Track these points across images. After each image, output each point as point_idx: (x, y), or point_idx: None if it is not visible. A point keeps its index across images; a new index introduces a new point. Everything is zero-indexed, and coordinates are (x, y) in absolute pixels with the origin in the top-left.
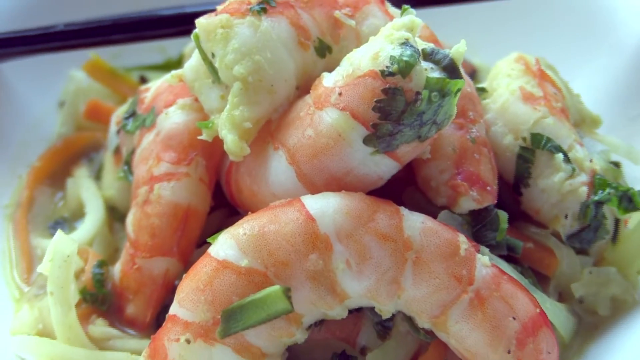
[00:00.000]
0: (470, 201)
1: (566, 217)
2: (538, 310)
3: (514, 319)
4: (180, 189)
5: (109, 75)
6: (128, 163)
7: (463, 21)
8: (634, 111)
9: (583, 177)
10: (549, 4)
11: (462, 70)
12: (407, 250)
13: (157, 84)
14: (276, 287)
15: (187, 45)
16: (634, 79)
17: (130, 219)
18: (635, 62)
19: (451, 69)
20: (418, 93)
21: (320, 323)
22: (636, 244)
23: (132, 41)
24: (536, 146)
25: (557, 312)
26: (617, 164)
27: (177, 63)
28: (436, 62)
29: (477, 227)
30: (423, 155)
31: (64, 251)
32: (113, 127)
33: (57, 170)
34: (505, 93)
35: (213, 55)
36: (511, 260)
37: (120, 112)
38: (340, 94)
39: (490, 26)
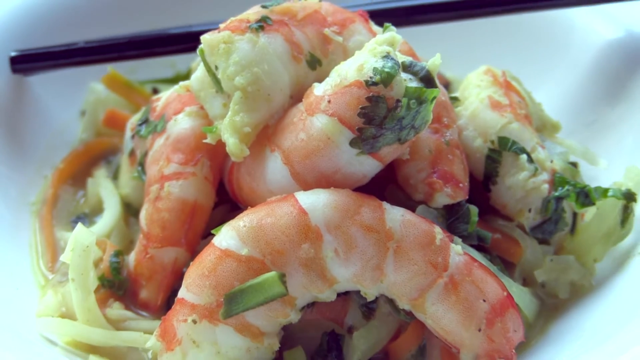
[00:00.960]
0: (444, 197)
1: (530, 211)
2: (505, 293)
3: (484, 301)
4: (187, 186)
5: (125, 87)
6: (141, 164)
7: (438, 38)
8: (588, 118)
9: (544, 176)
10: (514, 23)
11: (437, 81)
12: (389, 240)
13: (167, 94)
14: (273, 273)
15: (194, 61)
16: (588, 89)
17: (143, 214)
18: (590, 75)
19: (427, 80)
20: (398, 101)
21: (312, 305)
22: (592, 235)
23: (145, 57)
24: (503, 148)
25: (522, 295)
26: (574, 164)
27: (186, 76)
28: (414, 74)
29: (451, 219)
30: (403, 156)
31: (83, 242)
32: (128, 133)
33: (78, 171)
34: (475, 101)
35: (216, 67)
36: (481, 249)
37: (134, 119)
38: (329, 101)
39: (462, 43)
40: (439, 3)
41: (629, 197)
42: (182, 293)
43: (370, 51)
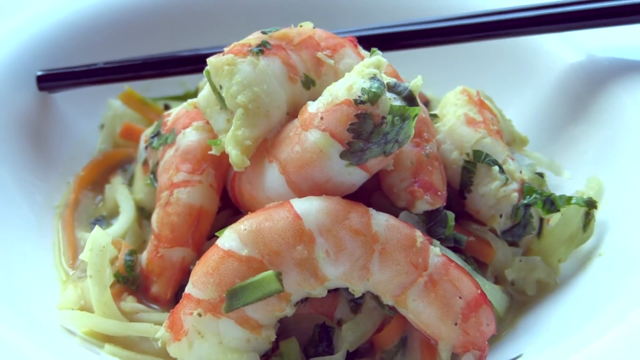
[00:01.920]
0: (424, 204)
1: (501, 216)
2: (479, 291)
3: (460, 298)
4: (194, 193)
5: (140, 103)
6: (153, 173)
7: (419, 62)
8: (554, 133)
9: (514, 185)
10: (488, 48)
11: (418, 100)
12: (375, 242)
13: (177, 110)
14: (270, 272)
15: (201, 81)
16: (553, 108)
17: (154, 217)
18: (555, 94)
19: (410, 99)
20: (383, 117)
21: (305, 300)
22: (556, 238)
23: (158, 77)
24: (477, 160)
25: (493, 292)
26: (541, 175)
27: (194, 94)
28: (398, 93)
29: (430, 224)
30: (387, 167)
31: (100, 242)
32: (142, 144)
33: (97, 178)
34: (453, 118)
35: (221, 87)
36: (457, 251)
37: (147, 132)
38: (321, 118)
39: (440, 66)
40: (420, 30)
41: (591, 204)
42: (188, 289)
43: (359, 73)
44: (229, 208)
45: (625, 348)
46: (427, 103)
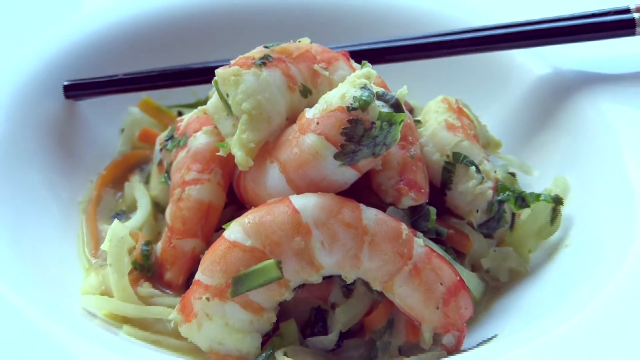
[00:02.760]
0: (409, 200)
1: (477, 211)
2: (458, 278)
3: (441, 284)
4: (203, 190)
5: (156, 110)
6: (167, 172)
7: (404, 74)
8: (524, 138)
9: (489, 183)
10: (466, 62)
11: (404, 107)
12: (365, 234)
13: (189, 116)
14: (271, 261)
15: (210, 90)
16: (524, 115)
17: (168, 211)
18: (525, 103)
19: (396, 106)
20: (373, 123)
21: (302, 286)
22: (527, 231)
23: (172, 87)
24: (456, 161)
25: (471, 279)
26: (513, 174)
27: (204, 102)
28: (386, 101)
29: (414, 218)
30: (376, 167)
31: (119, 234)
32: (157, 147)
33: (117, 177)
34: (434, 124)
35: (227, 95)
36: (438, 242)
37: (162, 136)
38: (317, 123)
39: (424, 77)
40: (405, 46)
41: (557, 201)
42: (198, 275)
43: (351, 83)
44: (235, 204)
45: (590, 329)
46: (411, 110)
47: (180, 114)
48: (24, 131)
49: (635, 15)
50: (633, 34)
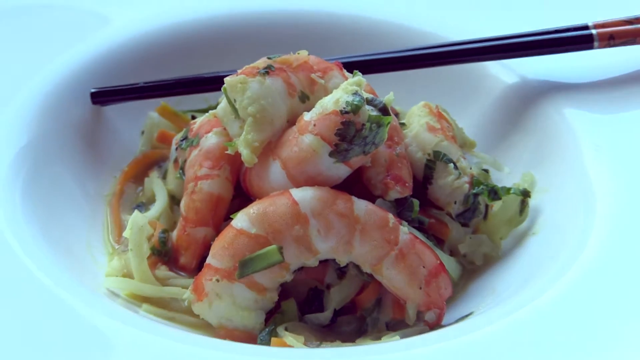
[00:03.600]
0: (395, 193)
1: (455, 203)
2: (438, 261)
3: (424, 267)
4: (214, 184)
5: (172, 114)
6: (182, 168)
7: (391, 82)
8: (496, 138)
9: (465, 178)
10: (445, 72)
11: (390, 111)
12: (356, 223)
13: (201, 119)
14: (273, 246)
15: (220, 96)
16: (496, 119)
17: (182, 203)
18: (497, 108)
19: (384, 110)
20: (363, 125)
21: (301, 269)
22: (498, 220)
23: (186, 94)
24: (436, 159)
25: (449, 263)
26: (486, 171)
27: (214, 107)
28: (374, 106)
29: (400, 209)
30: (366, 163)
31: (139, 223)
32: (173, 146)
33: (138, 173)
34: (417, 126)
35: (235, 100)
36: (421, 230)
37: (178, 137)
38: (314, 125)
39: (408, 85)
40: (391, 57)
41: (525, 194)
42: (209, 260)
43: (344, 89)
44: (241, 196)
45: (555, 306)
46: (396, 114)
47: (193, 117)
48: (56, 133)
49: (593, 32)
50: (592, 47)
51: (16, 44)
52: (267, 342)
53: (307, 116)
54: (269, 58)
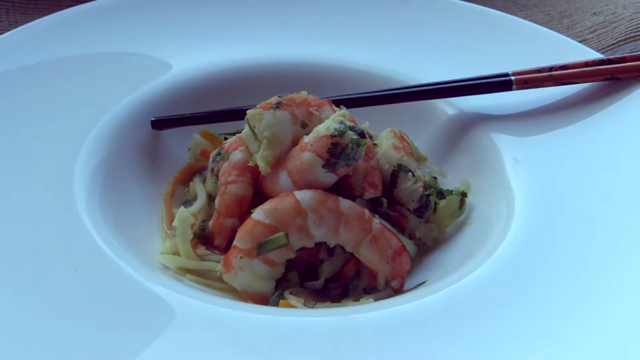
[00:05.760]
0: (370, 194)
1: (413, 201)
2: (401, 244)
3: (390, 248)
4: (239, 187)
5: (211, 136)
6: (217, 175)
7: (367, 114)
8: (442, 155)
9: (420, 184)
10: (406, 107)
11: (367, 135)
12: (342, 216)
13: (230, 140)
14: (281, 233)
15: (244, 124)
16: (442, 141)
17: (217, 201)
18: (442, 134)
19: (362, 134)
20: (347, 145)
21: (302, 249)
22: (444, 213)
23: (221, 121)
24: (399, 169)
25: (409, 245)
26: (435, 178)
27: (240, 131)
28: (355, 131)
29: (373, 206)
30: (349, 172)
31: (184, 215)
32: (210, 160)
33: (186, 178)
34: (385, 146)
35: (254, 127)
36: (388, 221)
37: (214, 153)
38: (311, 145)
39: (379, 116)
40: (366, 96)
41: (463, 194)
42: (235, 242)
43: (333, 119)
44: (259, 196)
45: (486, 279)
46: (371, 137)
47: (225, 138)
48: (124, 152)
49: (512, 78)
50: (511, 89)
51: (98, 82)
52: (277, 303)
53: (306, 139)
54: (279, 96)
